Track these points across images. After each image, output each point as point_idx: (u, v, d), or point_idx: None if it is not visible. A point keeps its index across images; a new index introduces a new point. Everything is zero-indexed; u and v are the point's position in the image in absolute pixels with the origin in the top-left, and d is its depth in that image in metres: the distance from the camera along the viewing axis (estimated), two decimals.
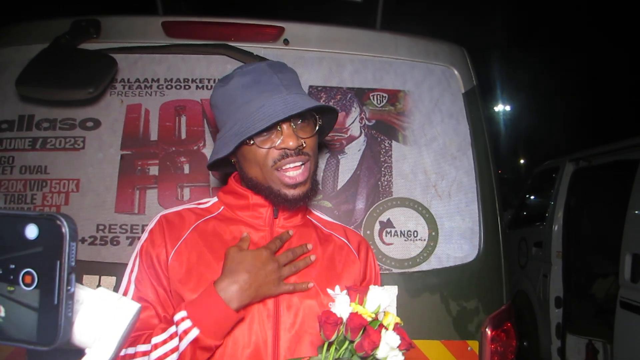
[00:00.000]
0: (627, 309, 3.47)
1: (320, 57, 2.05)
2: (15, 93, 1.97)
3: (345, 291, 1.05)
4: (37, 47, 1.98)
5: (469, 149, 2.07)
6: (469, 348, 1.96)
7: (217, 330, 1.11)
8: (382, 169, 2.02)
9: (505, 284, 2.05)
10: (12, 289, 0.62)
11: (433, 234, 1.99)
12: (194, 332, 1.09)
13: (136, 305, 0.90)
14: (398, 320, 1.07)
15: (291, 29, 2.06)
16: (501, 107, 17.81)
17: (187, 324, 1.10)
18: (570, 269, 4.66)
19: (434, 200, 2.02)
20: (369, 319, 1.00)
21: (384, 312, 1.08)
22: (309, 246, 1.27)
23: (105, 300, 0.87)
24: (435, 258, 1.99)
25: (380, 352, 0.98)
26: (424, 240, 1.99)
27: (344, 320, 0.99)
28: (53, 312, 0.60)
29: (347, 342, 1.00)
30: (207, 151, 1.99)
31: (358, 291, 1.05)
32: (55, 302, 0.60)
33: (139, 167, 1.96)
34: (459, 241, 2.00)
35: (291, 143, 1.17)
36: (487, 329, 1.97)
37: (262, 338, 1.18)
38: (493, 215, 2.05)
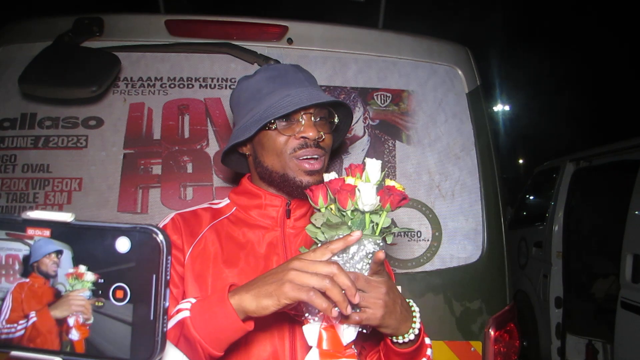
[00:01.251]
0: (628, 310, 3.47)
1: (324, 56, 2.05)
2: (17, 91, 1.96)
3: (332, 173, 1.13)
4: (40, 45, 1.97)
5: (472, 149, 2.06)
6: (472, 349, 1.96)
7: (217, 338, 0.98)
8: (386, 169, 2.02)
9: (508, 284, 2.04)
10: (100, 304, 0.59)
11: (437, 234, 1.99)
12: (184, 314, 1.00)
13: None
14: (399, 186, 1.09)
15: (295, 28, 2.05)
16: (500, 107, 17.81)
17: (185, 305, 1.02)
18: (571, 269, 4.67)
19: (438, 200, 2.01)
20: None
21: (385, 179, 1.14)
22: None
23: (173, 356, 0.84)
24: (439, 258, 1.98)
25: (361, 202, 1.02)
26: (428, 240, 1.99)
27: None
28: (149, 327, 0.57)
29: (334, 203, 1.06)
30: (211, 150, 1.98)
31: (357, 168, 1.11)
32: (152, 317, 0.57)
33: (142, 166, 1.95)
34: (463, 241, 2.00)
35: (311, 134, 1.21)
36: (490, 330, 1.97)
37: (280, 340, 1.16)
38: (496, 215, 2.04)
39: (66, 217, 0.60)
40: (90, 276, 0.60)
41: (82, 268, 0.59)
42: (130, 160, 1.96)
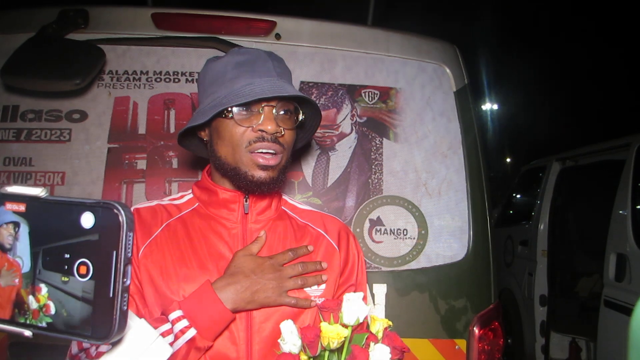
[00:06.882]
0: (611, 308, 3.51)
1: (312, 52, 2.03)
2: (0, 83, 1.92)
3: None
4: (23, 36, 1.93)
5: (459, 148, 2.07)
6: (456, 347, 1.97)
7: (213, 330, 1.10)
8: (373, 167, 2.01)
9: (493, 283, 2.05)
10: (66, 279, 0.59)
11: (423, 232, 1.99)
12: (191, 332, 1.07)
13: (169, 350, 0.86)
14: (387, 323, 1.03)
15: (283, 23, 2.04)
16: (489, 105, 17.91)
17: (183, 323, 1.07)
18: (555, 267, 4.71)
19: (424, 198, 2.01)
20: (343, 337, 0.94)
21: (371, 317, 1.05)
22: (310, 247, 1.26)
23: (143, 335, 0.82)
24: (425, 256, 1.98)
25: None
26: (414, 238, 1.99)
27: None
28: (108, 305, 0.58)
29: None
30: None
31: (331, 309, 1.03)
32: (111, 294, 0.58)
33: (127, 161, 1.93)
34: (448, 240, 2.00)
35: (270, 127, 1.15)
36: (475, 328, 1.97)
37: (234, 339, 1.15)
38: (482, 214, 2.05)
39: (38, 191, 0.62)
40: (44, 290, 0.61)
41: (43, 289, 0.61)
42: (115, 154, 1.93)
